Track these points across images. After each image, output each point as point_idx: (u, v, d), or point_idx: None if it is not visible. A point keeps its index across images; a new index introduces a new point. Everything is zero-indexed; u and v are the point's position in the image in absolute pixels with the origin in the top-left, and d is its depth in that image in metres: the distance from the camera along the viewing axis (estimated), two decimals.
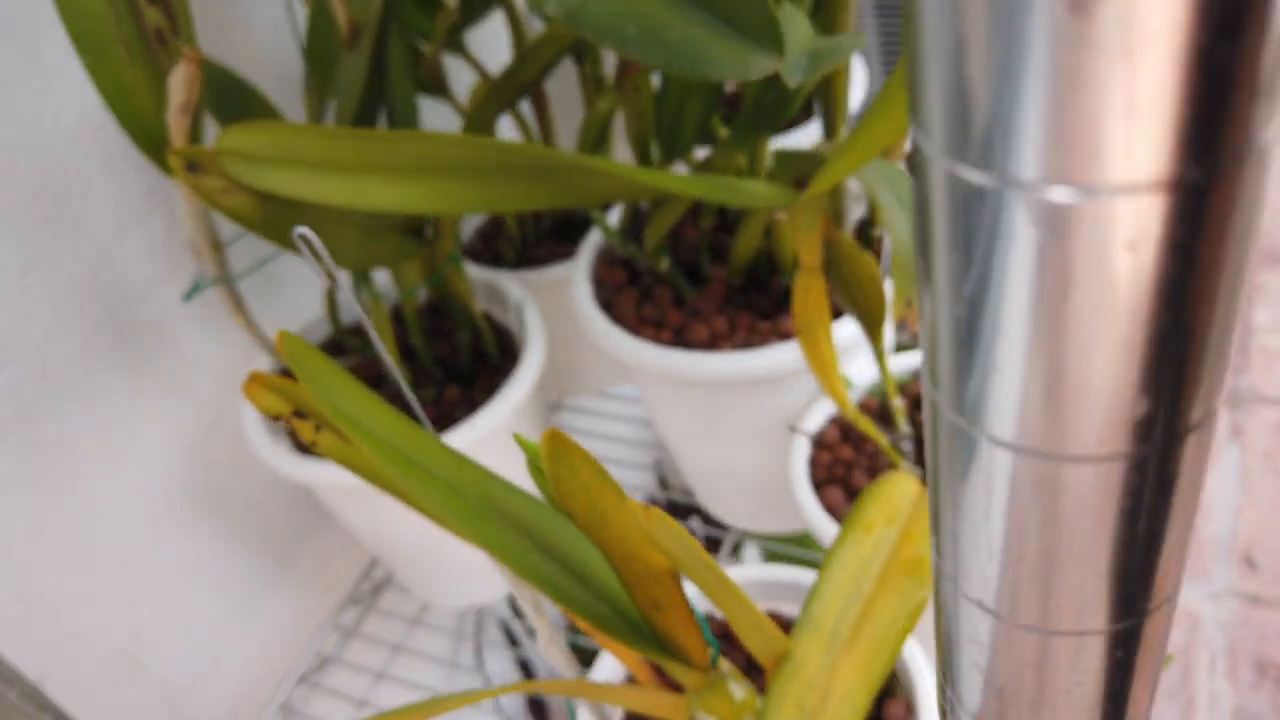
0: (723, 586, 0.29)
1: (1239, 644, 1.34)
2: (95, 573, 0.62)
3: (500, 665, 0.98)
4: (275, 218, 0.42)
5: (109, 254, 0.59)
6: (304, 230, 0.25)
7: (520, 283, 0.69)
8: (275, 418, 0.31)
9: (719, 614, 0.43)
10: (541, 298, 0.67)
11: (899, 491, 0.42)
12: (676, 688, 0.38)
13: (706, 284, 0.64)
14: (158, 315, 0.63)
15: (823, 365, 0.47)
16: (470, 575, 0.68)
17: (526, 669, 0.99)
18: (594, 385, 0.85)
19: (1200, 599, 1.42)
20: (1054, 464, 0.14)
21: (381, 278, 0.65)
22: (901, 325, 0.38)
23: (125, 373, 0.61)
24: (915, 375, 0.59)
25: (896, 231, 0.39)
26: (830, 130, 0.53)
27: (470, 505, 0.30)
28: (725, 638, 0.49)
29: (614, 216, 0.68)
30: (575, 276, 0.65)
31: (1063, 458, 0.14)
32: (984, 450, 0.15)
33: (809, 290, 0.44)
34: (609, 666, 0.48)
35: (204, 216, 0.50)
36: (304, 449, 0.62)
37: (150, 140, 0.44)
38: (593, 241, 0.68)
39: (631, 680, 0.46)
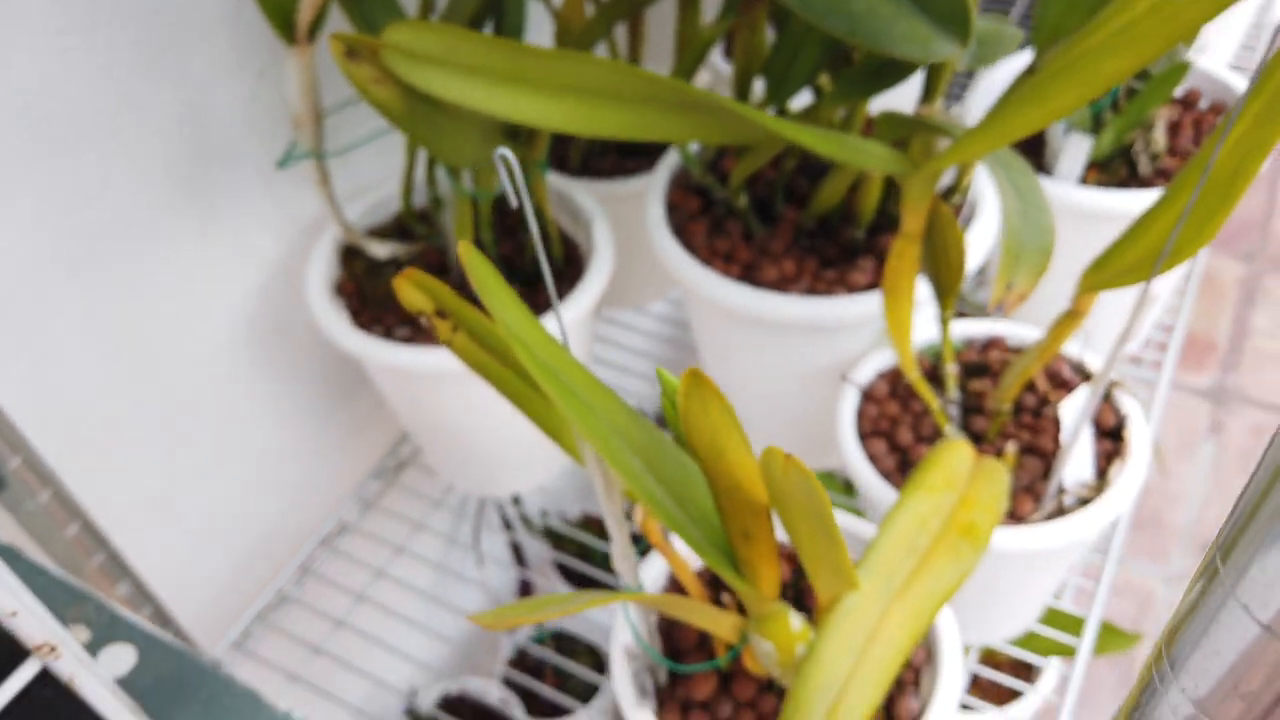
0: (826, 533, 0.31)
1: None
2: (142, 416, 0.63)
3: (494, 547, 1.02)
4: (416, 112, 0.42)
5: (199, 109, 0.59)
6: (505, 151, 0.26)
7: (587, 192, 0.70)
8: (418, 313, 0.33)
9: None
10: (605, 209, 0.68)
11: (958, 459, 0.45)
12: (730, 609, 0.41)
13: (777, 224, 0.65)
14: (234, 177, 0.63)
15: (899, 326, 0.49)
16: (506, 466, 0.71)
17: (517, 552, 1.02)
18: (633, 300, 0.87)
19: (1156, 580, 1.48)
20: None
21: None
22: (998, 307, 0.40)
23: (197, 225, 0.62)
24: (969, 343, 0.61)
25: (1009, 214, 0.40)
26: (929, 94, 0.54)
27: (602, 424, 0.31)
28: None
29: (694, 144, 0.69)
30: (649, 197, 0.66)
31: None
32: None
33: (904, 256, 0.46)
34: (650, 578, 0.51)
35: (313, 91, 0.50)
36: (361, 322, 0.63)
37: (278, 8, 0.44)
38: (668, 164, 0.69)
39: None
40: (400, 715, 0.93)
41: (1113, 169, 0.67)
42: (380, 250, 0.65)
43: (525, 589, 1.02)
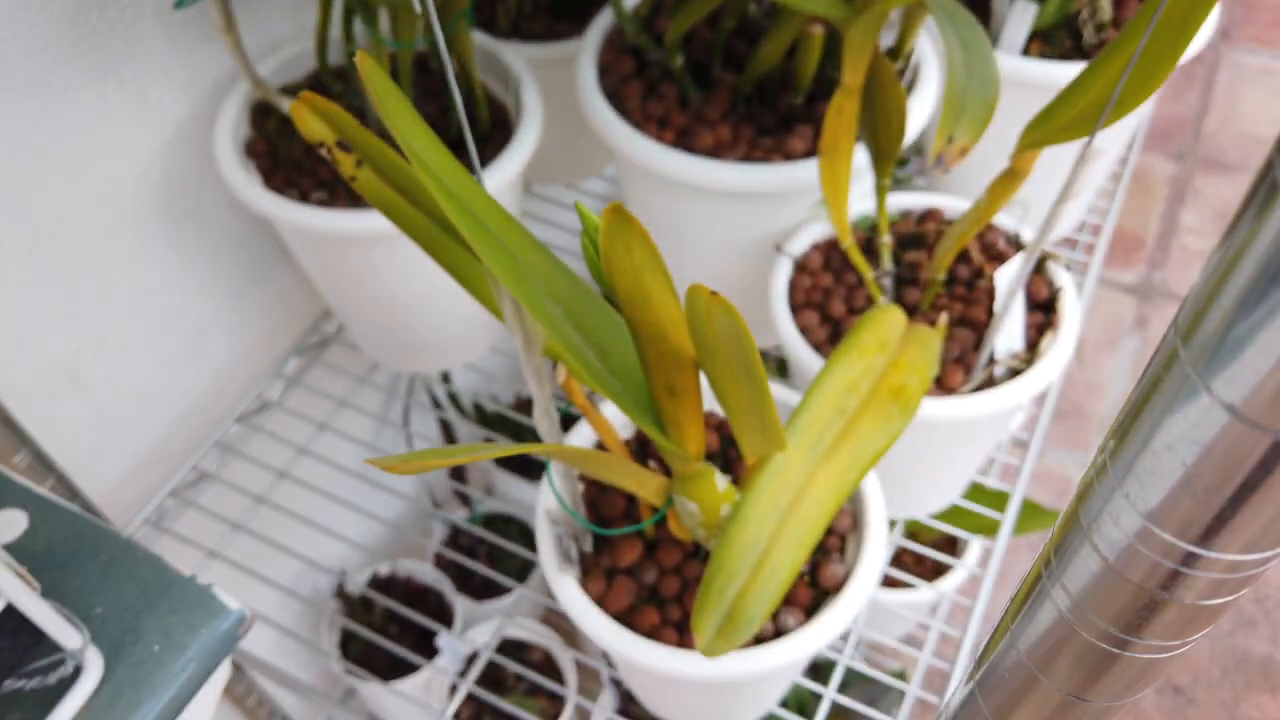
0: (752, 383, 0.30)
1: None
2: (41, 282, 0.60)
3: (424, 426, 1.01)
4: None
5: None
6: None
7: (516, 54, 0.66)
8: (318, 144, 0.30)
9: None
10: (534, 75, 0.65)
11: (890, 323, 0.44)
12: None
13: (714, 88, 0.62)
14: (130, 19, 0.58)
15: (836, 189, 0.47)
16: (430, 342, 0.69)
17: (447, 432, 1.01)
18: (566, 175, 0.84)
19: (1074, 467, 1.53)
20: None
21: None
22: (938, 160, 0.38)
23: (90, 75, 0.57)
24: (905, 215, 0.60)
25: (954, 66, 0.39)
26: None
27: (519, 266, 0.29)
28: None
29: (629, 1, 0.65)
30: (581, 58, 0.63)
31: None
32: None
33: (843, 111, 0.44)
34: (575, 445, 0.50)
35: None
36: (274, 186, 0.59)
37: None
38: (600, 25, 0.65)
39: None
40: (330, 596, 0.93)
41: (1056, 40, 0.65)
42: None
43: (456, 471, 1.01)
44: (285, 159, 0.62)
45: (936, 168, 0.38)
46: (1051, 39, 0.65)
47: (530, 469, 1.05)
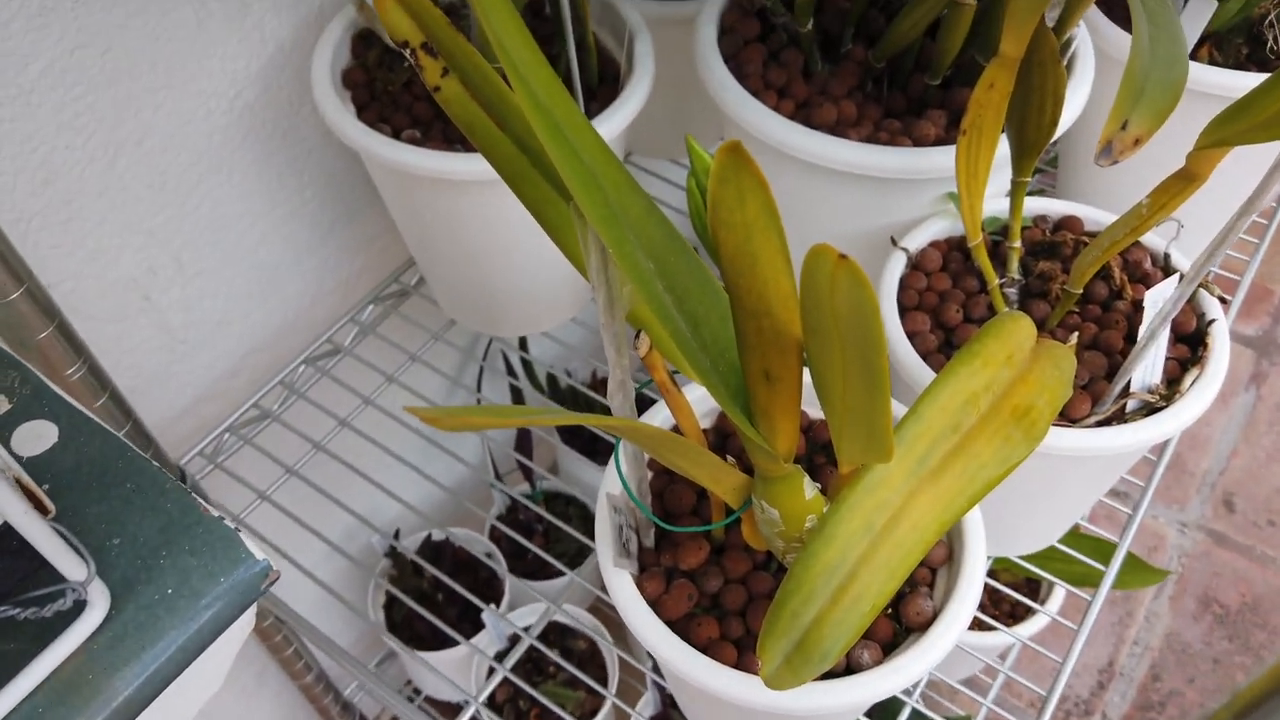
0: (870, 374, 0.25)
1: (1191, 576, 1.37)
2: (121, 193, 0.58)
3: (497, 392, 0.97)
4: None
5: None
6: None
7: (634, 8, 0.62)
8: (402, 44, 0.26)
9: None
10: (650, 33, 0.60)
11: (1022, 334, 0.38)
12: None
13: (843, 62, 0.57)
14: None
15: (973, 176, 0.42)
16: (509, 304, 0.65)
17: (517, 397, 0.98)
18: (668, 149, 0.79)
19: (1170, 524, 1.44)
20: None
21: None
22: (1105, 149, 0.33)
23: None
24: (1039, 220, 0.54)
25: (1138, 39, 0.33)
26: None
27: (611, 206, 0.25)
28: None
29: None
30: (702, 15, 0.58)
31: None
32: None
33: (996, 85, 0.38)
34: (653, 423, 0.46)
35: None
36: (367, 119, 0.56)
37: None
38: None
39: None
40: (380, 555, 0.91)
41: (1230, 46, 0.58)
42: None
43: (523, 441, 0.98)
44: (382, 93, 0.58)
45: (1103, 158, 0.33)
46: (1225, 44, 0.58)
47: (598, 451, 1.02)
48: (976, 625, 0.98)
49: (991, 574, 0.78)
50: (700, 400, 0.46)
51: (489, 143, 0.28)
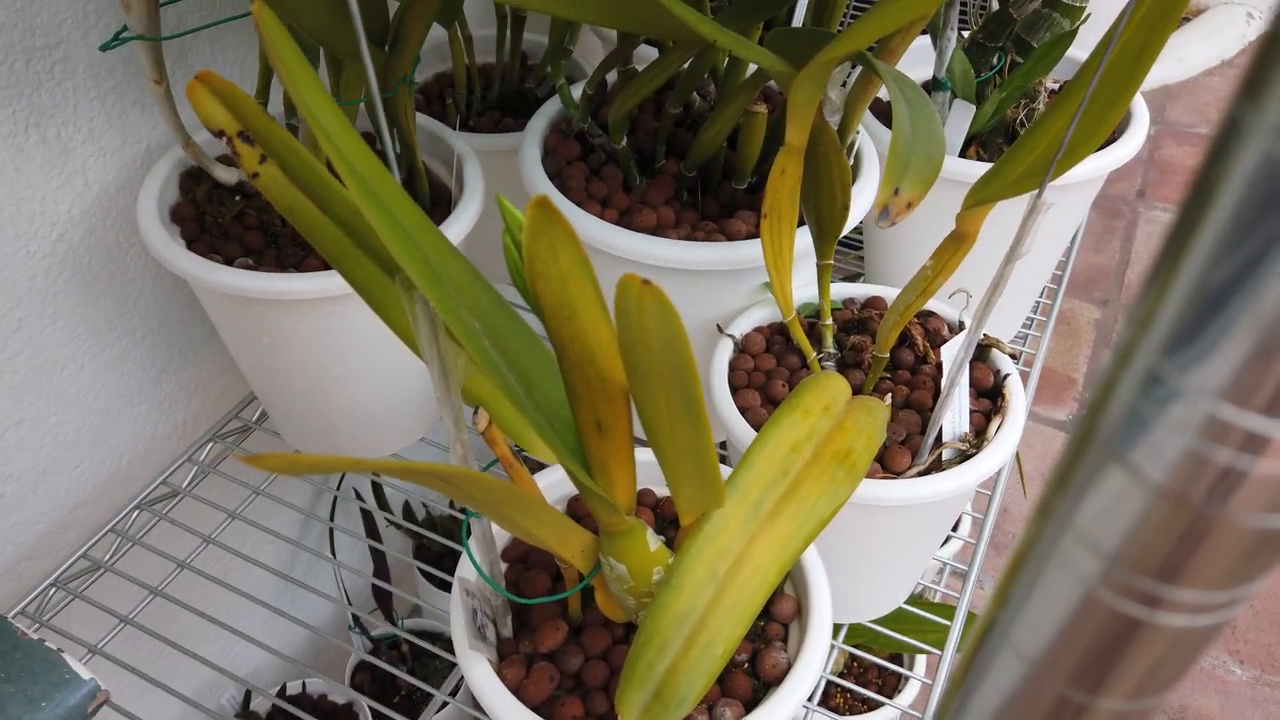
0: (688, 408, 0.27)
1: None
2: None
3: (353, 524, 0.95)
4: None
5: None
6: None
7: (460, 140, 0.65)
8: (218, 133, 0.28)
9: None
10: (481, 165, 0.64)
11: (835, 389, 0.42)
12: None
13: (657, 174, 0.62)
14: (60, 75, 0.56)
15: (779, 256, 0.46)
16: (355, 427, 0.65)
17: (370, 525, 0.95)
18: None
19: None
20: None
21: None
22: (883, 213, 0.37)
23: (9, 126, 0.55)
24: (846, 302, 0.59)
25: (899, 121, 0.38)
26: (820, 21, 0.52)
27: (432, 267, 0.27)
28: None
29: (579, 91, 0.65)
30: (526, 140, 0.62)
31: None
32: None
33: (786, 171, 0.43)
34: None
35: None
36: (198, 251, 0.57)
37: None
38: (546, 112, 0.65)
39: None
40: (232, 714, 0.85)
41: (992, 146, 0.67)
42: (226, 174, 0.59)
43: (380, 578, 0.95)
44: (212, 225, 0.59)
45: (882, 220, 0.37)
46: (989, 144, 0.67)
47: None
48: (853, 706, 0.99)
49: (856, 651, 0.80)
50: (552, 487, 0.48)
51: (311, 225, 0.30)
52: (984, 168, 0.64)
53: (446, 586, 1.01)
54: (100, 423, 0.67)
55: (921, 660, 0.91)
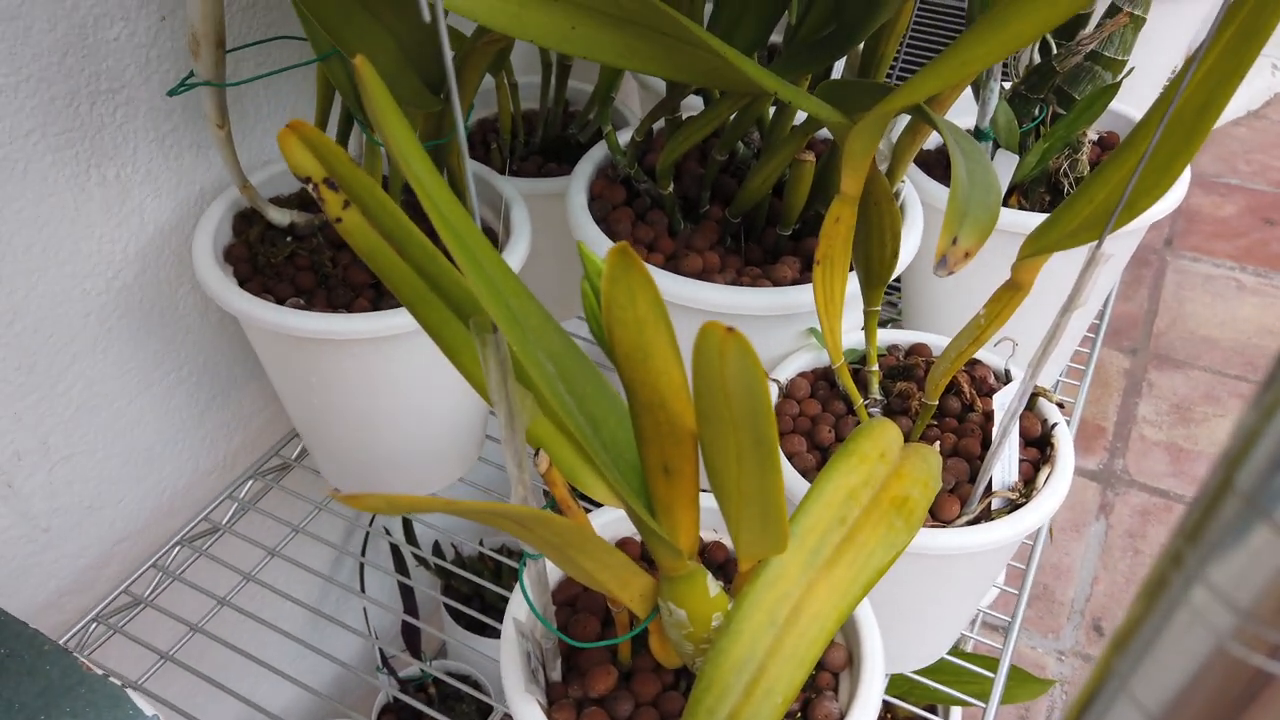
0: (761, 456, 0.27)
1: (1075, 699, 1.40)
2: None
3: (385, 560, 0.95)
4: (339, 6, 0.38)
5: (86, 34, 0.54)
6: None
7: (506, 184, 0.66)
8: (305, 179, 0.29)
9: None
10: (530, 207, 0.65)
11: (890, 436, 0.42)
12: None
13: (702, 220, 0.62)
14: (122, 119, 0.58)
15: (830, 302, 0.46)
16: (395, 467, 0.65)
17: (399, 561, 0.95)
18: (555, 313, 0.83)
19: (1048, 653, 1.48)
20: None
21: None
22: (941, 261, 0.38)
23: (73, 167, 0.56)
24: (892, 348, 0.59)
25: (957, 171, 0.38)
26: (867, 73, 0.53)
27: (511, 310, 0.27)
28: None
29: (623, 138, 0.66)
30: (573, 184, 0.63)
31: None
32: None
33: (840, 219, 0.43)
34: None
35: (217, 5, 0.46)
36: (250, 290, 0.58)
37: None
38: (593, 157, 0.66)
39: None
40: None
41: (1035, 195, 0.67)
42: (279, 216, 0.60)
43: (409, 627, 0.95)
44: (264, 265, 0.60)
45: (940, 269, 0.38)
46: (1030, 193, 0.67)
47: (487, 628, 0.99)
48: None
49: (893, 700, 0.79)
50: (604, 529, 0.48)
51: (390, 269, 0.30)
52: (1028, 217, 0.64)
53: (474, 627, 1.01)
54: (145, 458, 0.68)
55: (957, 712, 0.90)
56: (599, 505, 0.46)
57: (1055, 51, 0.63)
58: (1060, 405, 0.54)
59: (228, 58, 0.60)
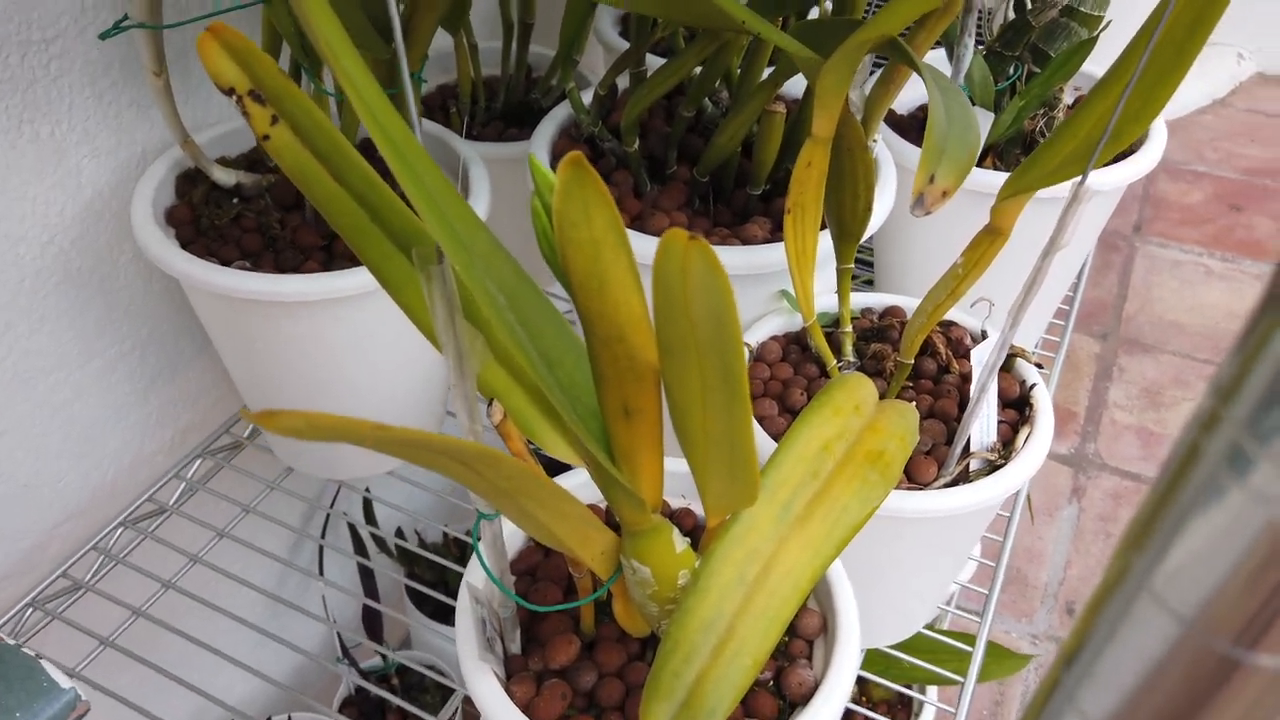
0: (730, 390, 0.25)
1: None
2: None
3: (346, 543, 0.92)
4: None
5: None
6: None
7: (464, 145, 0.64)
8: (228, 90, 0.26)
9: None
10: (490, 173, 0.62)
11: (865, 389, 0.40)
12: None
13: (669, 181, 0.60)
14: (56, 72, 0.54)
15: (802, 255, 0.44)
16: (344, 446, 0.62)
17: (359, 544, 0.92)
18: None
19: (1022, 637, 1.48)
20: None
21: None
22: (918, 200, 0.36)
23: (1, 123, 0.53)
24: (865, 311, 0.57)
25: (934, 109, 0.36)
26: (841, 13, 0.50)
27: (458, 235, 0.25)
28: None
29: (587, 98, 0.64)
30: (534, 144, 0.61)
31: None
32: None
33: (812, 164, 0.41)
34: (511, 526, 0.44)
35: None
36: (200, 254, 0.55)
37: None
38: (556, 117, 0.64)
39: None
40: None
41: (1010, 156, 0.65)
42: (225, 176, 0.57)
43: (370, 616, 0.92)
44: (209, 228, 0.57)
45: (917, 208, 0.35)
46: (1005, 154, 0.65)
47: (452, 614, 0.96)
48: None
49: (869, 677, 0.77)
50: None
51: (325, 195, 0.28)
52: (1003, 177, 0.62)
53: (438, 616, 0.98)
54: (86, 435, 0.65)
55: (934, 692, 0.88)
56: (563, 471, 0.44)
57: (1030, 6, 0.61)
58: (1040, 366, 0.52)
59: (171, 3, 0.57)
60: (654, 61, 0.76)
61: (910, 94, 0.73)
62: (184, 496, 0.67)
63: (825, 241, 0.52)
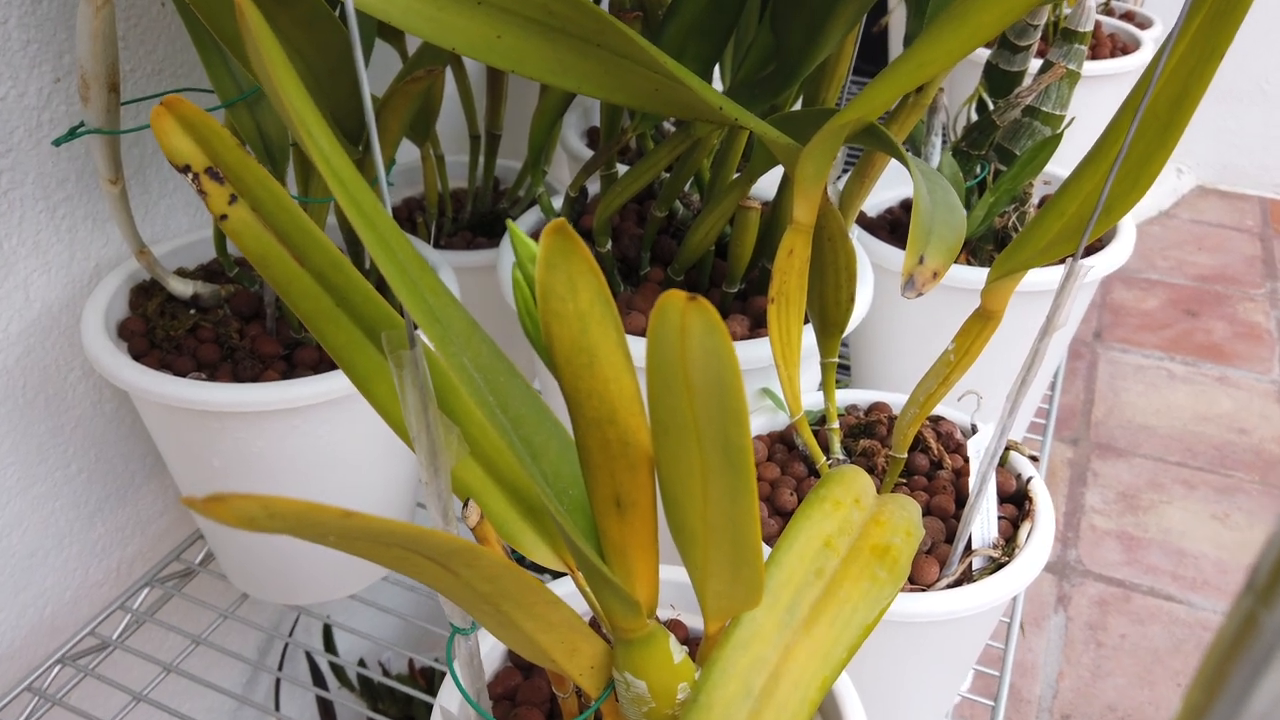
0: (734, 473, 0.23)
1: None
2: None
3: (305, 677, 0.86)
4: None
5: None
6: None
7: (432, 253, 0.62)
8: (183, 168, 0.24)
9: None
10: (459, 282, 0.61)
11: (861, 482, 0.38)
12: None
13: (642, 283, 0.59)
14: (6, 183, 0.53)
15: (787, 346, 0.42)
16: (304, 567, 0.59)
17: (318, 677, 0.86)
18: None
19: None
20: None
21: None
22: (909, 282, 0.34)
23: None
24: (851, 408, 0.55)
25: (919, 192, 0.36)
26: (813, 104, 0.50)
27: (433, 311, 0.23)
28: None
29: (557, 204, 0.63)
30: (503, 251, 0.59)
31: None
32: None
33: (794, 252, 0.40)
34: (491, 642, 0.40)
35: (110, 45, 0.42)
36: (154, 366, 0.52)
37: None
38: (526, 221, 0.63)
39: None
40: None
41: (983, 253, 0.65)
42: (181, 286, 0.55)
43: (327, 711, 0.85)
44: (163, 339, 0.55)
45: (908, 290, 0.34)
46: (978, 250, 0.65)
47: None
48: None
49: None
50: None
51: (285, 277, 0.26)
52: (978, 272, 0.62)
53: None
54: (24, 566, 0.60)
55: None
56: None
57: (993, 107, 0.62)
58: (1035, 459, 0.50)
59: (130, 110, 0.56)
60: (624, 169, 0.76)
61: (877, 197, 0.73)
62: (129, 629, 0.62)
63: (808, 337, 0.50)
